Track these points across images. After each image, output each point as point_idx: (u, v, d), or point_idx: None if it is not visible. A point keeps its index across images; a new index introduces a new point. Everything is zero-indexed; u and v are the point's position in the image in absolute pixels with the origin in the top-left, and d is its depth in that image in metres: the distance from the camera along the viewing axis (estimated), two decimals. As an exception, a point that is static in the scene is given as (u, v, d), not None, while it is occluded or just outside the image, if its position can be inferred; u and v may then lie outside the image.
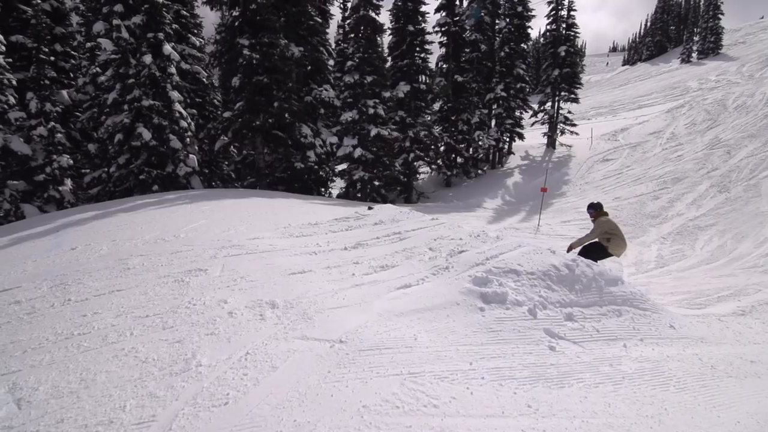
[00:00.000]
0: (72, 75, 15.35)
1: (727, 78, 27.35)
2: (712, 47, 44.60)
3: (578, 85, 21.72)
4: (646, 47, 61.51)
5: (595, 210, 5.97)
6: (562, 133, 21.09)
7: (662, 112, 21.30)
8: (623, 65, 62.88)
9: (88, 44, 14.89)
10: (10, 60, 12.29)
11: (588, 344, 3.11)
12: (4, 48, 11.88)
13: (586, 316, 3.40)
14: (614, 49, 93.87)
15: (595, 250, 5.69)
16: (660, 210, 12.24)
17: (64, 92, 14.36)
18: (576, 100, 21.53)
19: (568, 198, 15.25)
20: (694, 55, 45.93)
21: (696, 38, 47.68)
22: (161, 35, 11.79)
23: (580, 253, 5.74)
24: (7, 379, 2.50)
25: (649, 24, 64.98)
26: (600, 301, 3.60)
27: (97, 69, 13.65)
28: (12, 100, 11.93)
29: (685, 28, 57.94)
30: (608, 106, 30.51)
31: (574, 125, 20.97)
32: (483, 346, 2.83)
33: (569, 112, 21.40)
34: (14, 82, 12.01)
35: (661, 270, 8.55)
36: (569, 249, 5.78)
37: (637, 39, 70.11)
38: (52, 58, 13.76)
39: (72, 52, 15.45)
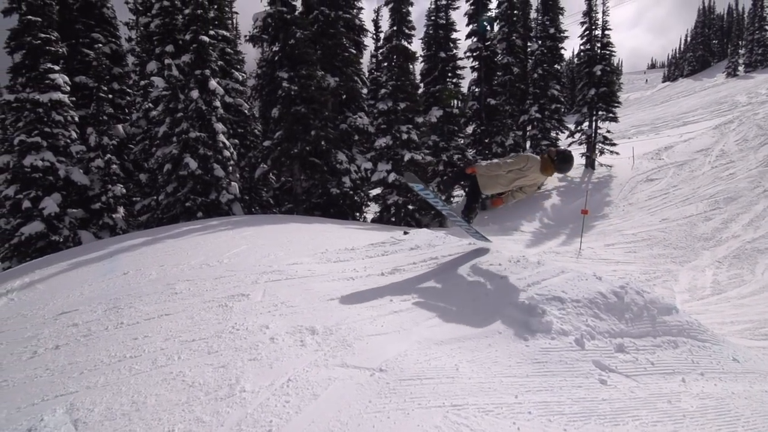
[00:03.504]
0: (127, 110, 16.61)
1: (779, 91, 25.86)
2: (760, 59, 42.60)
3: (616, 104, 21.16)
4: (688, 62, 59.48)
5: (552, 157, 3.97)
6: (602, 153, 20.48)
7: (709, 128, 20.31)
8: (663, 81, 60.96)
9: (142, 82, 16.12)
10: (74, 99, 13.48)
11: (642, 378, 2.92)
12: (69, 88, 13.06)
13: (638, 348, 3.20)
14: (653, 66, 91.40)
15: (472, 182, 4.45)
16: (713, 232, 11.51)
17: (120, 126, 15.52)
18: (615, 119, 20.94)
19: (611, 220, 14.66)
20: (741, 68, 43.95)
21: (742, 51, 45.73)
22: (207, 71, 12.61)
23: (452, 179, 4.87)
24: (65, 400, 2.63)
25: (689, 39, 63.00)
26: (653, 332, 3.39)
27: (150, 104, 14.70)
28: (74, 135, 13.02)
29: (729, 41, 55.63)
30: (650, 124, 29.46)
31: (614, 144, 20.33)
32: (528, 378, 2.72)
33: (608, 131, 20.82)
34: (77, 119, 13.12)
35: (718, 297, 7.98)
36: (468, 168, 4.55)
37: (677, 54, 67.98)
38: (110, 96, 14.98)
39: (127, 90, 16.77)
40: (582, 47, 21.75)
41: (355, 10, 16.93)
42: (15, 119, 12.39)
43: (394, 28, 16.65)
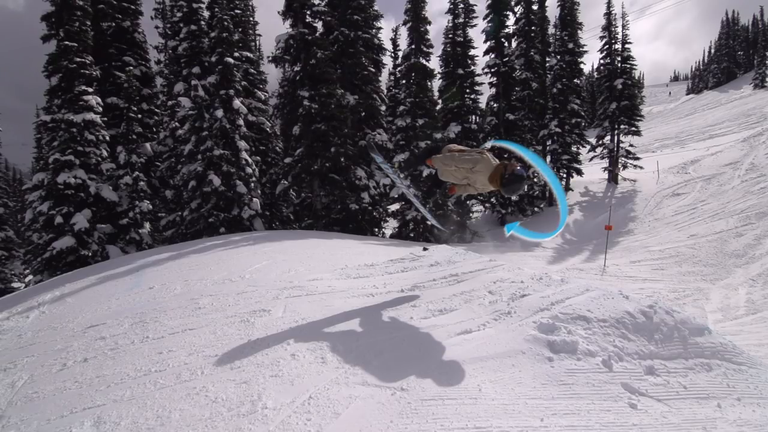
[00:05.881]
0: (154, 129, 17.21)
1: (812, 102, 24.98)
2: (789, 70, 41.34)
3: (639, 117, 20.84)
4: (712, 74, 58.26)
5: (503, 173, 3.49)
6: (625, 167, 20.10)
7: (737, 141, 19.72)
8: (687, 94, 59.66)
9: (170, 102, 16.74)
10: (105, 119, 14.06)
11: (675, 402, 2.80)
12: (101, 109, 13.65)
13: (669, 370, 3.08)
14: (676, 78, 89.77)
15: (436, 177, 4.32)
16: (745, 248, 11.06)
17: (148, 145, 16.06)
18: (637, 133, 20.60)
19: (636, 236, 14.26)
20: (770, 79, 42.73)
21: (770, 62, 44.54)
22: (232, 91, 13.03)
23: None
24: (93, 413, 2.68)
25: (713, 51, 61.81)
26: (685, 353, 3.26)
27: (176, 124, 15.22)
28: (105, 153, 13.53)
29: (755, 52, 54.33)
30: (674, 137, 28.82)
31: (638, 158, 19.95)
32: (554, 400, 2.64)
33: (631, 145, 20.46)
34: (108, 138, 13.66)
35: (753, 317, 7.62)
36: (428, 159, 4.31)
37: (701, 66, 66.69)
38: (139, 116, 15.56)
39: (155, 110, 17.41)
40: (602, 61, 21.62)
41: (374, 30, 17.29)
42: (50, 139, 12.98)
43: (413, 46, 16.92)
